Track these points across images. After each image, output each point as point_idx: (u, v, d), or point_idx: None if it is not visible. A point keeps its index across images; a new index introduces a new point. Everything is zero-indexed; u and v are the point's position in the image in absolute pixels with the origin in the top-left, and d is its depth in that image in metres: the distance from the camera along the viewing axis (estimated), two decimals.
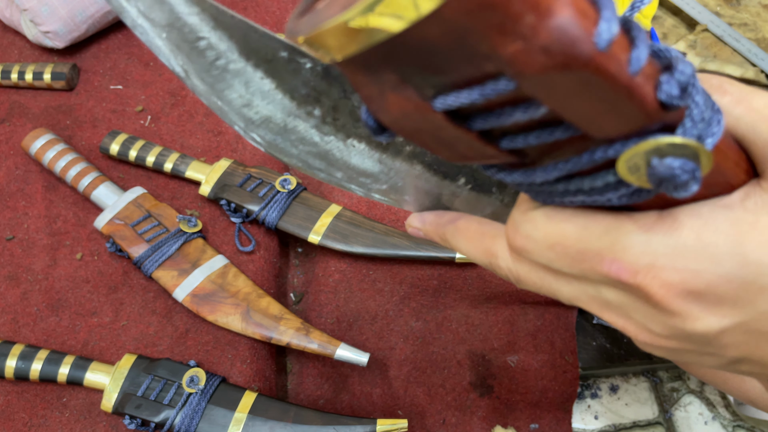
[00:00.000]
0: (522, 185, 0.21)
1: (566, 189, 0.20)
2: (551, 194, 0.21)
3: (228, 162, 0.64)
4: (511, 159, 0.19)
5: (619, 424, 0.62)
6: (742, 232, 0.19)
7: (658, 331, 0.21)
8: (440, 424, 0.57)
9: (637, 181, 0.18)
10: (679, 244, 0.19)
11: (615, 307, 0.21)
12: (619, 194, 0.19)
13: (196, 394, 0.52)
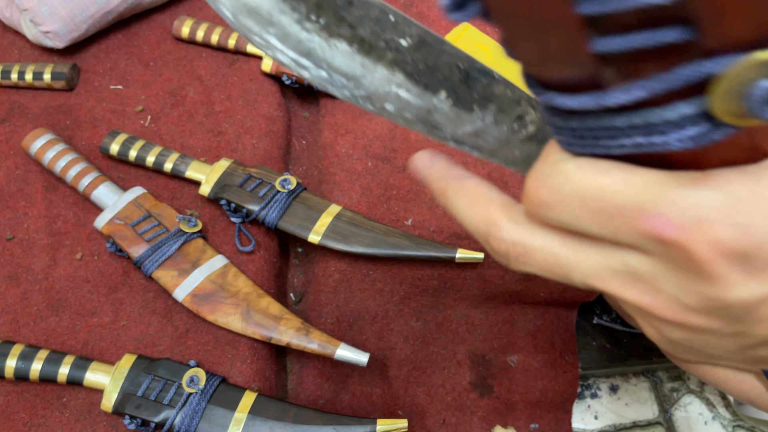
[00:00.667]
0: (567, 125, 0.20)
1: (629, 123, 0.18)
2: (598, 137, 0.19)
3: (228, 162, 0.64)
4: (596, 69, 0.17)
5: (619, 424, 0.62)
6: None
7: (689, 302, 0.19)
8: (440, 424, 0.57)
9: (729, 110, 0.16)
10: (732, 199, 0.17)
11: (642, 279, 0.19)
12: (690, 133, 0.17)
13: (196, 394, 0.52)
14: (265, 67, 0.72)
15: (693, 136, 0.17)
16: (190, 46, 0.76)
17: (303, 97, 0.78)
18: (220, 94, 0.73)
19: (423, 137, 0.70)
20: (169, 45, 0.76)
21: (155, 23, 0.78)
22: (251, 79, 0.73)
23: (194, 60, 0.75)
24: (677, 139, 0.17)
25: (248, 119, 0.71)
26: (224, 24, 0.77)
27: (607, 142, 0.19)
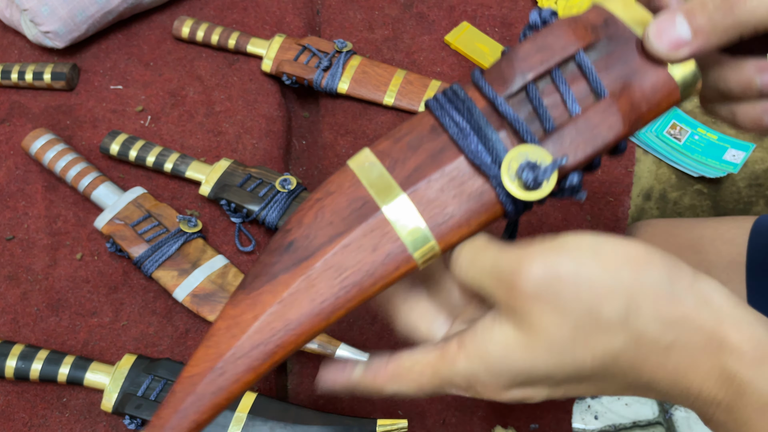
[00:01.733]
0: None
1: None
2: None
3: (228, 162, 0.64)
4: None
5: (619, 424, 0.62)
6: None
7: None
8: (440, 424, 0.57)
9: (517, 186, 0.29)
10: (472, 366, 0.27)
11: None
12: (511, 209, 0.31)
13: None
14: (265, 67, 0.73)
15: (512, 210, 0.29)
16: (190, 46, 0.76)
17: (303, 97, 0.78)
18: (220, 94, 0.73)
19: None
20: (169, 45, 0.76)
21: (155, 23, 0.78)
22: (251, 79, 0.73)
23: (194, 60, 0.75)
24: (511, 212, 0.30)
25: (248, 119, 0.71)
26: (224, 24, 0.77)
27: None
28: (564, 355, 0.25)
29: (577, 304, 0.24)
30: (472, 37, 0.76)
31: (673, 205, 0.85)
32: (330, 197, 0.30)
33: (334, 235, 0.30)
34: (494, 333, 0.26)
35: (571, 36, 0.29)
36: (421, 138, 0.30)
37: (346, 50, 0.72)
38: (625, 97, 0.29)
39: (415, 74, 0.71)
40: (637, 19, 0.30)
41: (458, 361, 0.27)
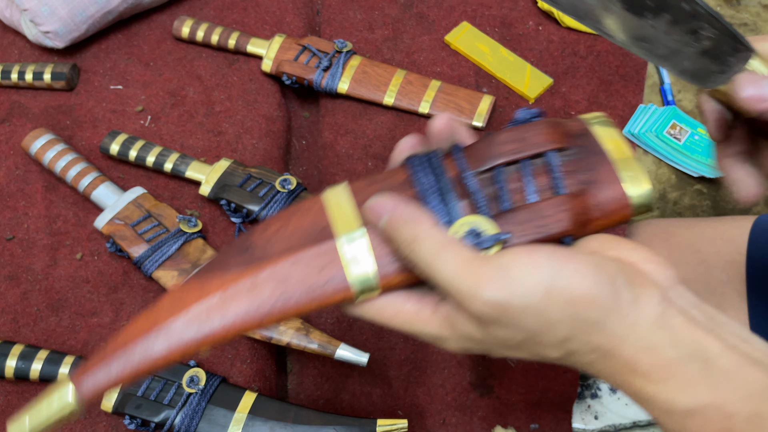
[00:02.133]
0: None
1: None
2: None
3: (228, 162, 0.64)
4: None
5: (619, 424, 0.62)
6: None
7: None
8: (440, 424, 0.57)
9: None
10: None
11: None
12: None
13: (196, 394, 0.52)
14: (265, 67, 0.73)
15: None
16: (190, 46, 0.76)
17: (303, 97, 0.78)
18: (220, 94, 0.73)
19: None
20: (169, 45, 0.76)
21: (155, 23, 0.78)
22: (251, 79, 0.73)
23: (194, 60, 0.75)
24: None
25: (248, 119, 0.71)
26: (224, 24, 0.77)
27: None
28: (510, 349, 0.31)
29: (521, 331, 0.29)
30: (472, 37, 0.76)
31: (673, 205, 0.85)
32: (296, 216, 0.34)
33: (288, 249, 0.32)
34: (458, 317, 0.30)
35: (547, 136, 0.33)
36: (392, 187, 0.33)
37: (346, 50, 0.72)
38: (580, 201, 0.32)
39: (415, 74, 0.71)
40: (610, 137, 0.33)
41: (430, 324, 0.31)
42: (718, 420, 0.28)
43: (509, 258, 0.29)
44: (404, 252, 0.31)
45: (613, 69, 0.74)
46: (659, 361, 0.28)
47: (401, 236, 0.30)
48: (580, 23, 0.36)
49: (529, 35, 0.77)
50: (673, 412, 0.29)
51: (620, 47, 0.75)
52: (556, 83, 0.73)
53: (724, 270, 0.58)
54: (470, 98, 0.69)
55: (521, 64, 0.74)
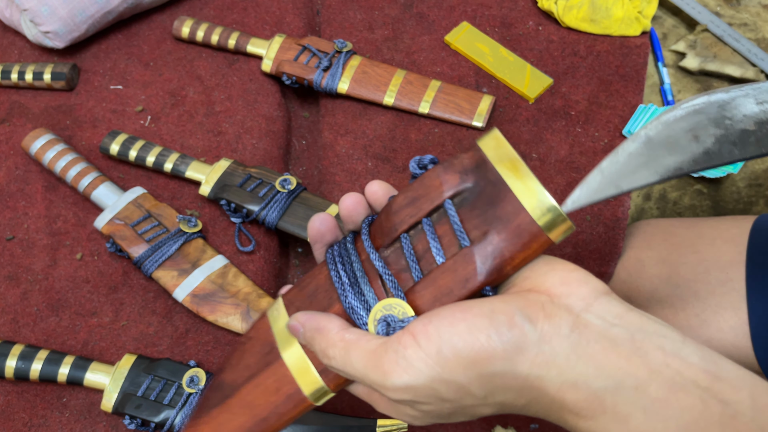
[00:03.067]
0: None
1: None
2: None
3: (228, 162, 0.64)
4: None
5: None
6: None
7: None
8: (440, 423, 0.57)
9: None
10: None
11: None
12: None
13: (196, 394, 0.52)
14: (265, 67, 0.73)
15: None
16: (190, 46, 0.76)
17: (303, 97, 0.78)
18: (220, 94, 0.73)
19: (423, 138, 0.70)
20: (169, 45, 0.76)
21: (155, 23, 0.78)
22: (251, 79, 0.73)
23: (194, 60, 0.75)
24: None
25: (248, 119, 0.71)
26: (224, 24, 0.78)
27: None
28: (447, 417, 0.31)
29: (444, 402, 0.29)
30: (472, 37, 0.76)
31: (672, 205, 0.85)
32: (250, 342, 0.36)
33: (249, 377, 0.35)
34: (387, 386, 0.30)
35: (438, 186, 0.31)
36: (317, 288, 0.35)
37: (346, 50, 0.72)
38: (486, 246, 0.30)
39: (415, 74, 0.71)
40: (505, 157, 0.31)
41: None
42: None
43: (405, 338, 0.29)
44: (323, 361, 0.32)
45: (613, 69, 0.74)
46: (587, 396, 0.27)
47: (316, 348, 0.32)
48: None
49: (529, 35, 0.77)
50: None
51: (620, 47, 0.75)
52: (556, 83, 0.73)
53: (724, 270, 0.58)
54: (470, 98, 0.69)
55: (521, 64, 0.74)
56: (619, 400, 0.27)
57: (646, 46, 0.76)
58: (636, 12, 0.76)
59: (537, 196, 0.30)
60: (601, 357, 0.27)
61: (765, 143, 0.32)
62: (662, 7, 0.85)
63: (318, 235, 0.36)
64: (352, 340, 0.31)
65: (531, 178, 0.30)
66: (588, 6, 0.75)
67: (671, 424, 0.26)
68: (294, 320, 0.33)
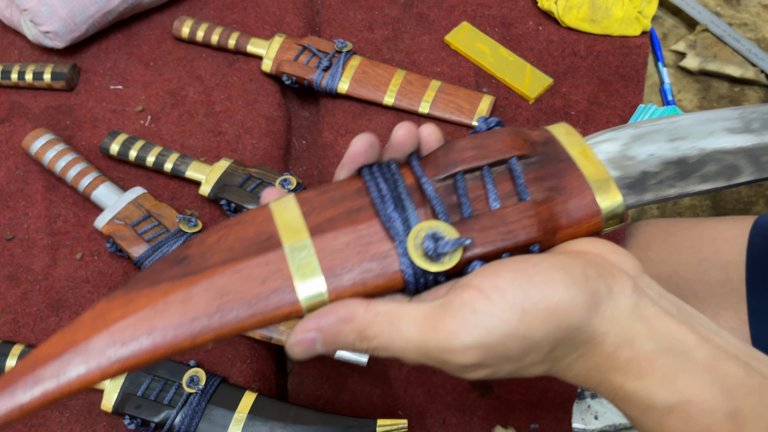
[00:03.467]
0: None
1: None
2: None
3: (228, 162, 0.64)
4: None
5: (619, 424, 0.62)
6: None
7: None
8: (440, 424, 0.57)
9: (418, 257, 0.30)
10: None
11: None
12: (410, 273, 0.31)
13: (196, 394, 0.52)
14: (265, 67, 0.73)
15: (413, 273, 0.29)
16: (190, 46, 0.76)
17: (303, 97, 0.78)
18: (220, 94, 0.73)
19: None
20: (169, 45, 0.76)
21: (155, 23, 0.78)
22: (251, 79, 0.73)
23: (194, 60, 0.75)
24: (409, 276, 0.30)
25: (248, 119, 0.71)
26: (224, 24, 0.78)
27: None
28: (495, 376, 0.30)
29: (506, 362, 0.28)
30: (472, 37, 0.76)
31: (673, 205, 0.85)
32: (239, 226, 0.31)
33: (229, 259, 0.29)
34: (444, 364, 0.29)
35: (509, 143, 0.31)
36: (344, 195, 0.31)
37: (346, 50, 0.72)
38: (547, 207, 0.30)
39: (415, 74, 0.71)
40: (575, 144, 0.32)
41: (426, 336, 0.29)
42: (697, 417, 0.27)
43: (470, 293, 0.27)
44: (361, 347, 0.28)
45: (613, 69, 0.74)
46: (638, 356, 0.28)
47: (346, 339, 0.28)
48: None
49: (529, 35, 0.77)
50: (653, 409, 0.28)
51: (620, 47, 0.75)
52: (556, 83, 0.73)
53: (724, 270, 0.58)
54: (470, 98, 0.69)
55: (521, 64, 0.74)
56: (668, 363, 0.27)
57: (646, 46, 0.76)
58: (636, 12, 0.76)
59: (605, 183, 0.31)
60: (655, 321, 0.28)
61: (665, 187, 0.33)
62: (662, 7, 0.85)
63: (355, 155, 0.32)
64: (393, 310, 0.28)
65: (601, 165, 0.31)
66: (588, 6, 0.75)
67: (716, 388, 0.27)
68: (301, 331, 0.28)
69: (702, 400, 0.27)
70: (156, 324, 0.28)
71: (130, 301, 0.29)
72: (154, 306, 0.28)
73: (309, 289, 0.29)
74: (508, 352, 0.27)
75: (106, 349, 0.28)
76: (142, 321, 0.28)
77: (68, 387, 0.27)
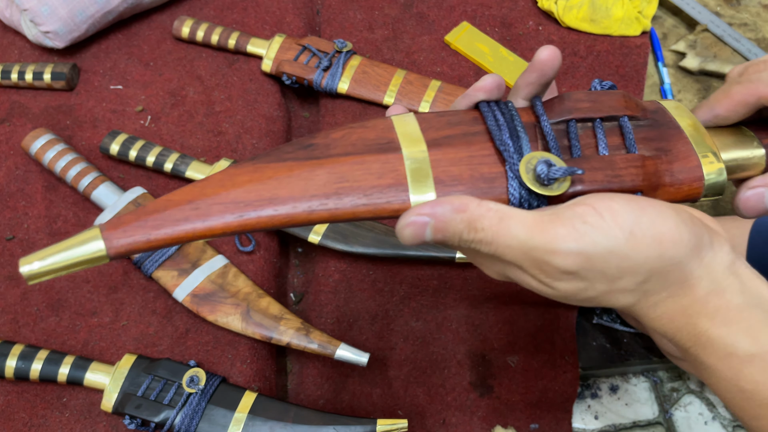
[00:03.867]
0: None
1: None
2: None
3: (228, 162, 0.64)
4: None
5: (619, 424, 0.62)
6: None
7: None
8: (440, 424, 0.57)
9: (529, 180, 0.30)
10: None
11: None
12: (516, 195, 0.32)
13: (196, 394, 0.52)
14: (265, 67, 0.72)
15: (519, 196, 0.31)
16: (190, 46, 0.76)
17: (303, 97, 0.78)
18: (220, 94, 0.73)
19: None
20: (169, 45, 0.76)
21: (155, 23, 0.78)
22: (251, 79, 0.73)
23: (194, 60, 0.75)
24: (516, 198, 0.31)
25: (248, 119, 0.71)
26: (224, 24, 0.77)
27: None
28: (583, 300, 0.31)
29: (601, 280, 0.29)
30: (472, 37, 0.76)
31: None
32: (362, 129, 0.33)
33: (351, 152, 0.32)
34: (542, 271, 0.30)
35: (622, 102, 0.33)
36: (461, 121, 0.33)
37: (346, 50, 0.72)
38: (653, 163, 0.32)
39: (415, 74, 0.71)
40: (685, 117, 0.34)
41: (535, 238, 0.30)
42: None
43: (582, 208, 0.28)
44: (466, 241, 0.30)
45: (613, 69, 0.74)
46: (727, 305, 0.29)
47: (455, 228, 0.29)
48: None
49: (529, 35, 0.77)
50: (734, 356, 0.29)
51: (620, 47, 0.75)
52: (556, 83, 0.73)
53: None
54: None
55: (521, 64, 0.74)
56: (754, 315, 0.29)
57: (646, 46, 0.76)
58: (636, 12, 0.76)
59: (711, 154, 0.33)
60: (747, 280, 0.30)
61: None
62: (662, 7, 0.85)
63: (480, 88, 0.34)
64: (503, 209, 0.29)
65: (709, 138, 0.33)
66: (588, 6, 0.75)
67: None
68: (415, 214, 0.30)
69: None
70: (278, 193, 0.30)
71: (257, 170, 0.31)
72: (279, 178, 0.31)
73: (420, 191, 0.31)
74: (606, 268, 0.28)
75: (230, 204, 0.30)
76: (267, 188, 0.31)
77: (192, 231, 0.30)
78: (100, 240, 0.29)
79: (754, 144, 0.35)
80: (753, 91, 0.34)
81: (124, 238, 0.29)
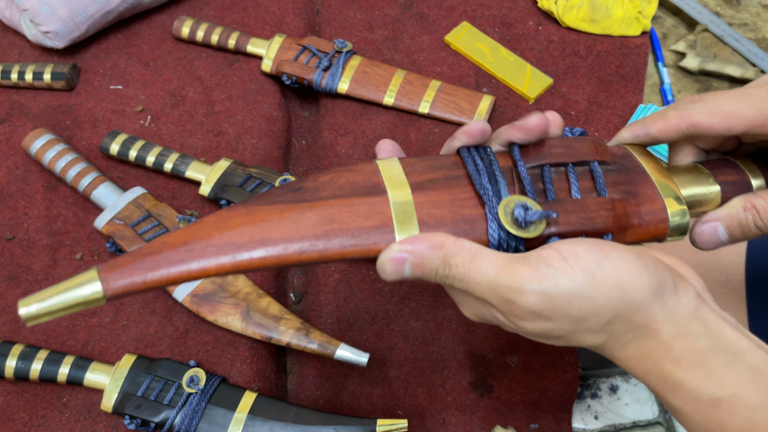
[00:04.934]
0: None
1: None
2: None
3: (228, 162, 0.64)
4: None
5: (619, 424, 0.62)
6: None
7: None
8: (440, 424, 0.57)
9: (507, 223, 0.32)
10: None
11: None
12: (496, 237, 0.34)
13: (196, 394, 0.52)
14: (265, 67, 0.73)
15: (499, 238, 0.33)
16: (190, 46, 0.76)
17: (303, 97, 0.78)
18: (220, 94, 0.73)
19: (423, 138, 0.70)
20: (169, 45, 0.76)
21: (155, 23, 0.78)
22: (251, 79, 0.73)
23: (194, 60, 0.75)
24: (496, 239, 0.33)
25: (248, 119, 0.71)
26: (224, 24, 0.77)
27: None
28: (552, 339, 0.32)
29: (566, 321, 0.30)
30: (472, 37, 0.76)
31: None
32: (349, 173, 0.35)
33: (339, 195, 0.33)
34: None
35: (593, 148, 0.35)
36: (442, 165, 0.35)
37: (346, 50, 0.72)
38: (622, 205, 0.34)
39: (415, 74, 0.71)
40: (650, 161, 0.37)
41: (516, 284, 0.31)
42: (741, 410, 0.29)
43: (548, 252, 0.30)
44: (442, 276, 0.31)
45: (613, 69, 0.74)
46: (692, 348, 0.30)
47: (432, 264, 0.31)
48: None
49: (529, 35, 0.77)
50: (700, 400, 0.29)
51: (620, 47, 0.75)
52: (556, 83, 0.73)
53: (723, 271, 0.58)
54: (470, 98, 0.69)
55: (521, 64, 0.74)
56: (719, 359, 0.30)
57: (646, 46, 0.76)
58: (636, 12, 0.76)
59: (675, 197, 0.35)
60: (712, 324, 0.30)
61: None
62: (662, 7, 0.85)
63: (464, 133, 0.35)
64: (476, 248, 0.31)
65: (673, 182, 0.35)
66: (588, 6, 0.75)
67: (762, 387, 0.29)
68: (395, 251, 0.31)
69: (748, 395, 0.29)
70: (270, 235, 0.32)
71: (249, 213, 0.33)
72: (270, 220, 0.32)
73: (405, 232, 0.32)
74: (570, 309, 0.29)
75: (224, 246, 0.31)
76: (259, 230, 0.32)
77: (187, 272, 0.31)
78: (98, 282, 0.30)
79: (710, 181, 0.37)
80: (687, 118, 0.36)
81: (121, 279, 0.30)
